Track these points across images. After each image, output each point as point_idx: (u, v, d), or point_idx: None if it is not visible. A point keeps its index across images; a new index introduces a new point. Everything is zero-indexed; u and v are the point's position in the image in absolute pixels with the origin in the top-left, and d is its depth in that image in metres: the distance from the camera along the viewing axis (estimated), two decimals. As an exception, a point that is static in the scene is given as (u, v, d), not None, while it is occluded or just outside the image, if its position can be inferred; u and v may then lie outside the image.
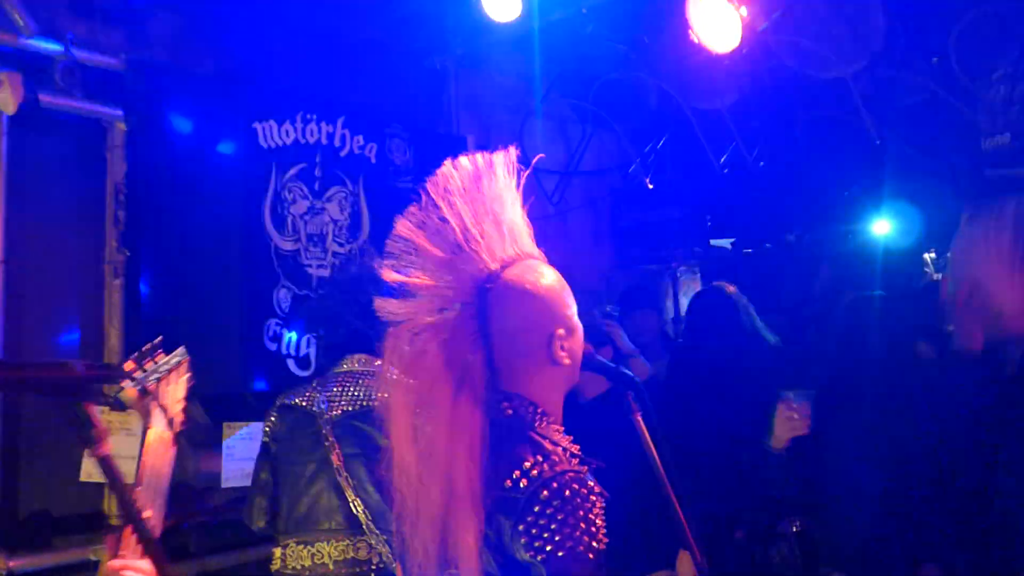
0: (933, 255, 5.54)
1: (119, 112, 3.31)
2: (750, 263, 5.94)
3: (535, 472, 1.50)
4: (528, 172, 1.73)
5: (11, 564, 2.90)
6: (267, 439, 2.58)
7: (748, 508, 3.62)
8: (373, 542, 2.35)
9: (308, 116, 3.79)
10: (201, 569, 3.37)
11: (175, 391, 2.00)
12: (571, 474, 1.52)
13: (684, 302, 5.85)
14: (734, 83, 3.95)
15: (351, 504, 2.37)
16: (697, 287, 6.18)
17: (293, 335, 3.57)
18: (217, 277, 3.45)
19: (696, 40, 3.29)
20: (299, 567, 2.40)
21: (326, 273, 3.73)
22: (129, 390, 1.91)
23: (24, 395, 2.72)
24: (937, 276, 5.47)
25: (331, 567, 2.36)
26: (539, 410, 1.64)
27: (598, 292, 5.59)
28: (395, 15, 4.41)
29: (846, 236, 5.11)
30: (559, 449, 1.57)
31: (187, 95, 3.45)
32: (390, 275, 1.64)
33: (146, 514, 1.70)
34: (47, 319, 3.18)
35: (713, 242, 5.68)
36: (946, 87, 4.06)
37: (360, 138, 3.96)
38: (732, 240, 5.75)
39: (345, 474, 2.38)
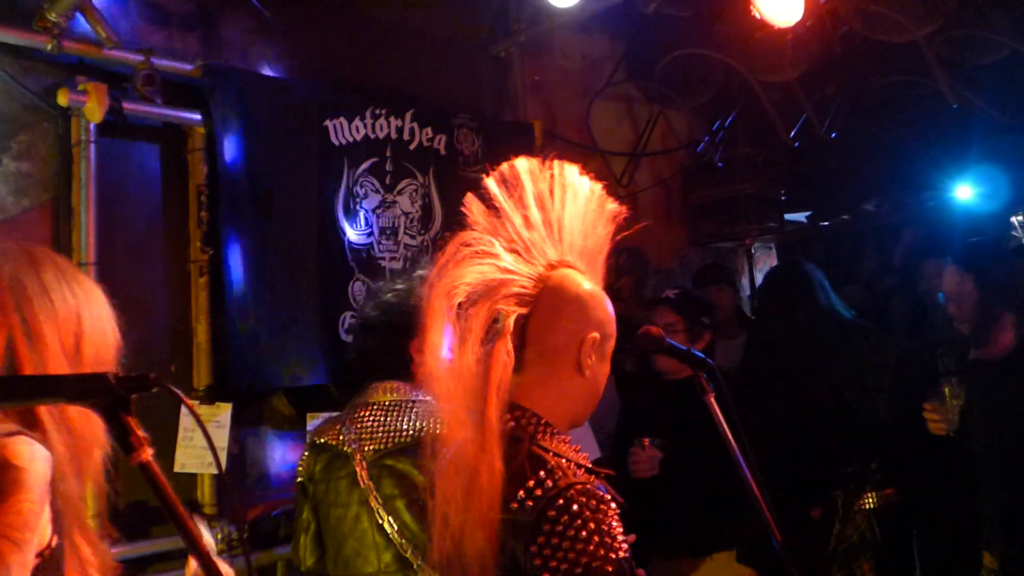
0: (1021, 217, 5.34)
1: (197, 116, 3.42)
2: (827, 235, 5.83)
3: (539, 492, 1.46)
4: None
5: (112, 552, 3.04)
6: (302, 479, 2.52)
7: (825, 486, 3.58)
8: None
9: (377, 111, 3.85)
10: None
11: None
12: (578, 487, 1.46)
13: (760, 279, 5.77)
14: (802, 54, 3.87)
15: (397, 546, 2.31)
16: (773, 263, 6.09)
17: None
18: (295, 272, 3.55)
19: (758, 15, 3.23)
20: None
21: (399, 265, 3.80)
22: None
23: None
24: (1027, 240, 5.27)
25: None
26: (543, 421, 1.59)
27: (671, 271, 5.56)
28: (456, 4, 4.45)
29: (927, 203, 4.96)
30: (563, 461, 1.52)
31: (260, 97, 3.54)
32: (469, 237, 1.63)
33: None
34: (138, 318, 3.30)
35: (788, 216, 5.58)
36: (1027, 44, 3.90)
37: (429, 130, 4.01)
38: (808, 213, 5.64)
39: (387, 516, 2.32)
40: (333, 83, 3.89)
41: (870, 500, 3.45)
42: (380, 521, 2.32)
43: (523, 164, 1.71)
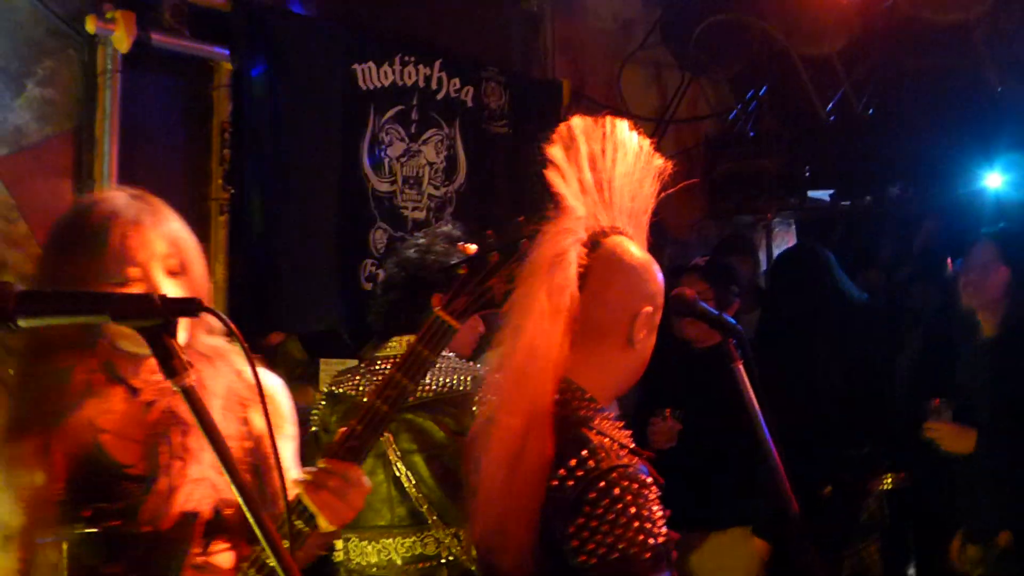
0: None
1: (225, 52, 3.35)
2: (848, 217, 5.77)
3: (580, 472, 1.43)
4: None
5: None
6: (317, 428, 2.47)
7: (836, 465, 3.57)
8: (440, 536, 2.26)
9: (406, 58, 3.79)
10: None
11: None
12: (620, 470, 1.43)
13: (776, 255, 5.73)
14: (844, 26, 3.79)
15: (414, 500, 2.28)
16: (791, 240, 6.04)
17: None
18: (316, 217, 3.51)
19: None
20: (364, 563, 2.32)
21: (422, 215, 3.76)
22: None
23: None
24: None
25: (399, 562, 2.28)
26: (587, 396, 1.55)
27: (687, 243, 5.51)
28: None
29: (955, 190, 4.89)
30: (606, 441, 1.49)
31: (290, 36, 3.48)
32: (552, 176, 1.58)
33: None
34: (156, 253, 3.29)
35: (811, 194, 5.50)
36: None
37: (456, 81, 3.95)
38: (831, 192, 5.57)
39: (404, 470, 2.28)
40: (363, 27, 3.82)
41: (886, 482, 3.44)
42: (397, 474, 2.29)
43: (579, 123, 1.64)
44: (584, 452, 1.44)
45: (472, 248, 1.71)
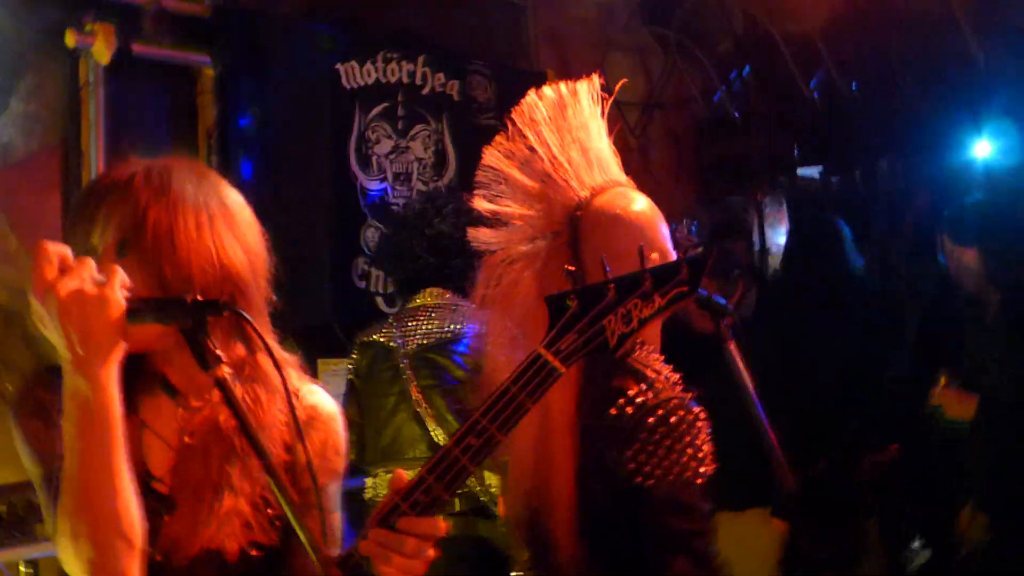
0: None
1: (206, 58, 3.37)
2: (838, 192, 5.77)
3: (640, 400, 1.51)
4: (610, 104, 1.72)
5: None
6: (351, 376, 2.68)
7: (832, 440, 3.58)
8: None
9: (389, 55, 3.80)
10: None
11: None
12: (676, 400, 1.52)
13: (769, 234, 5.73)
14: (825, 4, 3.79)
15: (432, 434, 2.47)
16: (783, 219, 6.04)
17: (381, 273, 3.63)
18: (307, 217, 3.52)
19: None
20: None
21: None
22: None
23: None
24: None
25: None
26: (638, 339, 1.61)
27: (678, 227, 5.51)
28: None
29: (944, 160, 4.90)
30: (662, 376, 1.57)
31: (271, 39, 3.48)
32: (481, 205, 1.64)
33: None
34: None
35: (800, 171, 5.51)
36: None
37: (441, 76, 3.96)
38: (820, 169, 5.57)
39: (424, 405, 2.48)
40: (344, 26, 3.82)
41: (880, 458, 3.45)
42: (418, 409, 2.48)
43: (542, 96, 1.67)
44: (643, 384, 1.53)
45: None
